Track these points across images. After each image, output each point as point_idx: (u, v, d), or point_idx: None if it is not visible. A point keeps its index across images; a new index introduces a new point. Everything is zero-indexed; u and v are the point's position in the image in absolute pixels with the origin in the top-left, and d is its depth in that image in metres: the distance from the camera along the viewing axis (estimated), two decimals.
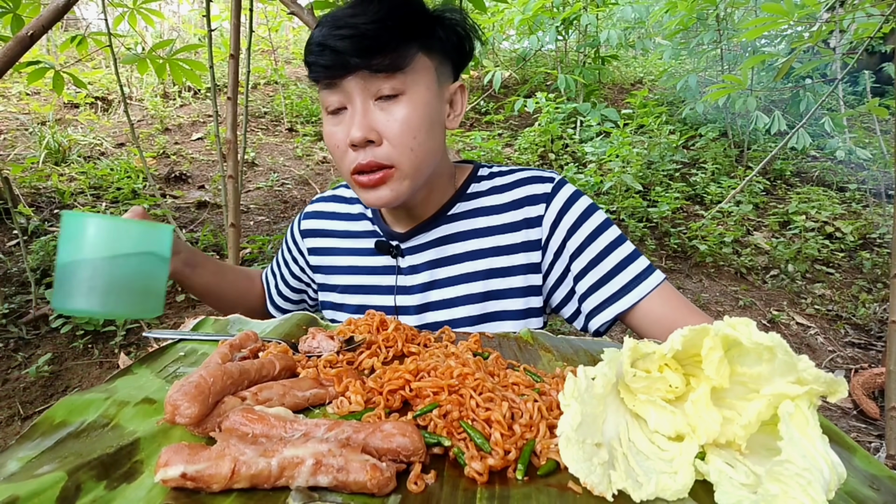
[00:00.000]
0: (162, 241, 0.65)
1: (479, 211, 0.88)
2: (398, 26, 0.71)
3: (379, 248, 0.90)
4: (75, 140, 3.95)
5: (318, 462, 0.38)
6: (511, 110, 4.86)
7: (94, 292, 0.61)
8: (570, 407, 0.42)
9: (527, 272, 0.85)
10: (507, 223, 0.86)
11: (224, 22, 4.82)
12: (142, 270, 0.63)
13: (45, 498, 0.36)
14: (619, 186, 3.62)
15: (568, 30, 5.04)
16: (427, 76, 0.75)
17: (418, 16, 0.74)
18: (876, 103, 2.74)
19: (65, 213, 0.62)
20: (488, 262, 0.86)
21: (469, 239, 0.87)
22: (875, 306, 2.89)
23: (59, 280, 0.62)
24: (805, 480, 0.35)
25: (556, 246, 0.84)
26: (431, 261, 0.87)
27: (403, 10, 0.72)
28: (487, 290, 0.85)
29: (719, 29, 4.62)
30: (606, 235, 0.83)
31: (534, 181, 0.88)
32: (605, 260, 0.82)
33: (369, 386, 0.52)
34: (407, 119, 0.72)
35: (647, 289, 0.79)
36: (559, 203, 0.85)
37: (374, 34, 0.69)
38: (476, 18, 5.21)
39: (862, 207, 3.88)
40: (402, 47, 0.71)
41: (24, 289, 2.44)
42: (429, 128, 0.75)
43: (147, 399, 0.51)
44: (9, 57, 1.54)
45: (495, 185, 0.90)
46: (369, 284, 0.91)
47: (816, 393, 0.40)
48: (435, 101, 0.76)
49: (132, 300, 0.63)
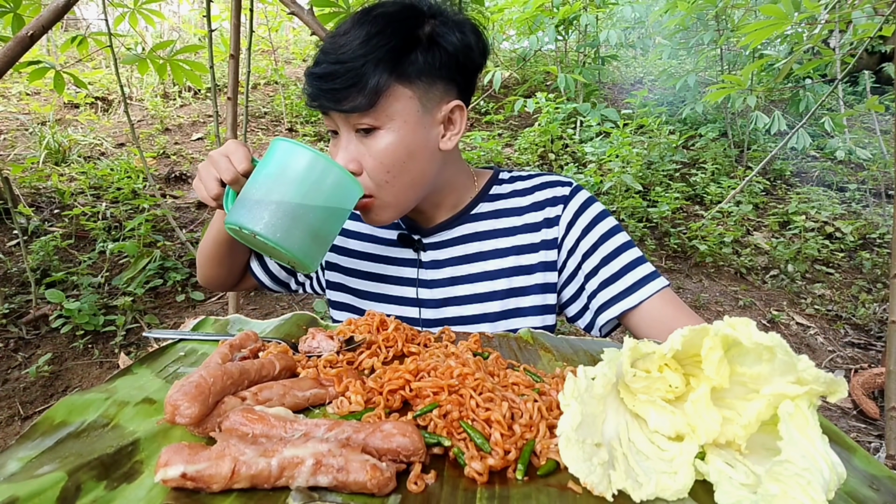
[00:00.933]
0: (354, 198, 0.69)
1: (501, 212, 0.91)
2: (364, 65, 0.69)
3: (402, 240, 0.91)
4: (75, 140, 3.95)
5: (318, 462, 0.38)
6: (511, 110, 4.86)
7: (281, 221, 0.63)
8: (570, 407, 0.42)
9: (545, 269, 0.89)
10: (528, 224, 0.90)
11: (224, 22, 4.81)
12: (328, 218, 0.67)
13: (45, 498, 0.36)
14: (619, 186, 3.62)
15: (568, 30, 5.04)
16: (405, 106, 0.73)
17: (391, 48, 0.71)
18: (875, 101, 2.73)
19: (277, 140, 0.66)
20: (512, 261, 0.89)
21: (492, 238, 0.90)
22: (875, 306, 2.89)
23: (248, 199, 0.64)
24: (805, 480, 0.35)
25: (570, 244, 0.88)
26: (455, 257, 0.90)
27: (374, 42, 0.70)
28: (511, 287, 0.88)
29: (719, 29, 4.62)
30: (617, 238, 0.87)
31: (553, 185, 0.92)
32: (614, 260, 0.86)
33: (369, 386, 0.52)
34: (380, 154, 0.73)
35: (651, 290, 0.83)
36: (576, 205, 0.89)
37: (341, 75, 0.70)
38: (476, 18, 5.24)
39: (862, 207, 3.88)
40: (372, 85, 0.70)
41: (24, 289, 2.44)
42: (406, 160, 0.75)
43: (147, 399, 0.51)
44: (9, 57, 1.54)
45: (516, 188, 0.93)
46: (390, 274, 0.92)
47: (816, 393, 0.40)
48: (417, 130, 0.75)
49: (308, 243, 0.66)
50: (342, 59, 0.70)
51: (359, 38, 0.70)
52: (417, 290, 0.91)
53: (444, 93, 0.77)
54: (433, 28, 0.74)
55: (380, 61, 0.70)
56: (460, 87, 0.80)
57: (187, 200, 3.50)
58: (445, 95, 0.77)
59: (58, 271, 2.53)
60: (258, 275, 1.03)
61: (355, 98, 0.70)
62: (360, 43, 0.70)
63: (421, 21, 0.74)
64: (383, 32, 0.71)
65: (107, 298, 2.47)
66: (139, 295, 2.49)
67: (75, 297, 2.39)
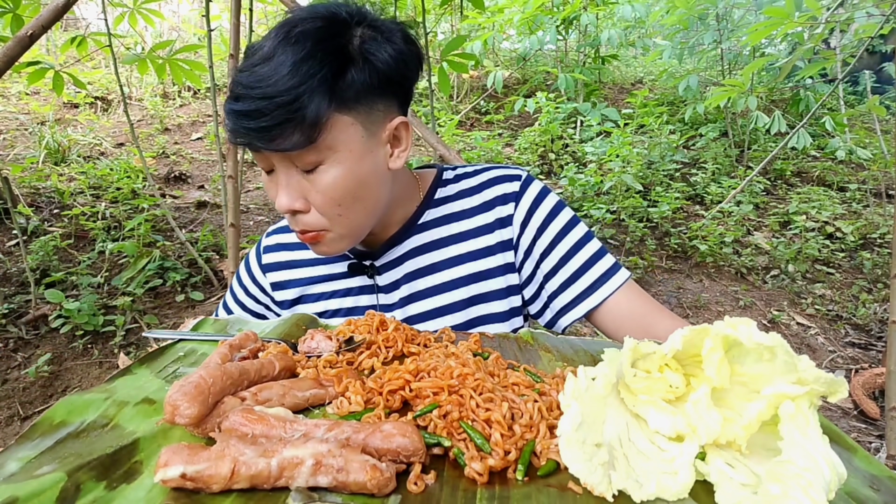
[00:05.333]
0: None
1: (450, 217, 0.86)
2: (297, 98, 0.61)
3: (353, 269, 0.86)
4: (75, 140, 3.95)
5: (317, 462, 0.38)
6: (511, 110, 4.86)
7: None
8: (570, 407, 0.42)
9: (505, 272, 0.85)
10: (480, 226, 0.85)
11: (224, 22, 4.81)
12: None
13: (45, 498, 0.36)
14: (620, 186, 3.62)
15: (568, 29, 5.04)
16: (348, 135, 0.67)
17: (323, 75, 0.63)
18: (876, 101, 2.73)
19: None
20: (468, 268, 0.85)
21: (444, 246, 0.85)
22: (875, 306, 2.88)
23: None
24: (805, 481, 0.35)
25: (526, 244, 0.85)
26: (409, 273, 0.85)
27: (305, 70, 0.62)
28: (470, 295, 0.84)
29: (719, 28, 4.62)
30: (574, 233, 0.84)
31: (501, 181, 0.86)
32: (573, 258, 0.83)
33: (369, 386, 0.52)
34: (329, 190, 0.68)
35: (614, 286, 0.81)
36: (528, 201, 0.85)
37: (270, 111, 0.61)
38: (476, 18, 5.20)
39: (862, 207, 3.87)
40: (311, 118, 0.63)
41: (23, 289, 2.44)
42: (357, 189, 0.70)
43: (147, 399, 0.51)
44: (9, 57, 1.54)
45: (462, 188, 0.87)
46: (349, 307, 0.88)
47: (817, 393, 0.40)
48: (365, 157, 0.70)
49: None
50: (269, 93, 0.62)
51: (286, 66, 0.62)
52: None
53: (386, 111, 0.72)
54: (362, 41, 0.67)
55: (314, 91, 0.62)
56: (400, 100, 0.74)
57: (187, 200, 3.50)
58: (388, 114, 0.72)
59: (57, 271, 2.53)
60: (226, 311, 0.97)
61: (291, 135, 0.63)
62: (289, 73, 0.62)
63: (348, 33, 0.67)
64: (313, 56, 0.63)
65: (106, 298, 2.47)
66: (139, 295, 2.49)
67: (75, 297, 2.39)
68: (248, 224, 3.30)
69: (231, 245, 1.92)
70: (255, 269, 0.94)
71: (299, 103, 0.62)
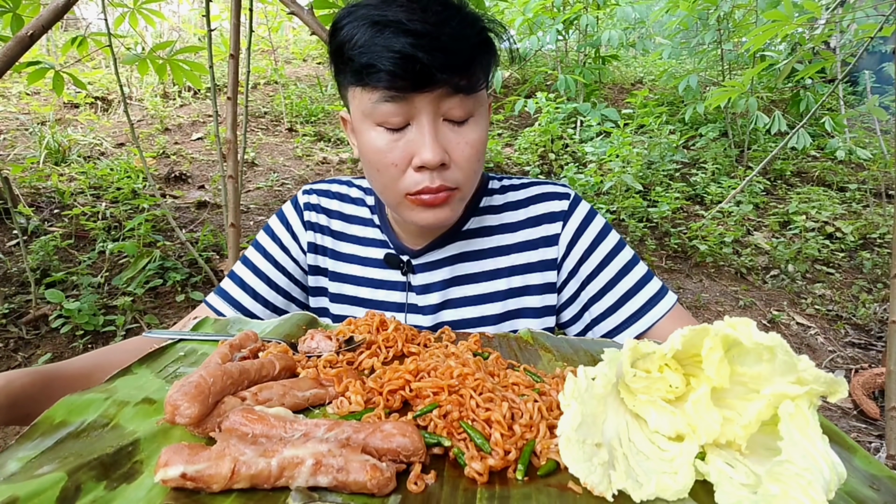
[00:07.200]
0: None
1: (494, 229, 0.85)
2: (478, 45, 0.66)
3: (388, 261, 0.85)
4: (75, 140, 3.95)
5: (317, 462, 0.38)
6: (511, 110, 4.86)
7: None
8: (570, 407, 0.42)
9: (543, 292, 0.84)
10: (524, 241, 0.84)
11: (224, 22, 4.81)
12: None
13: (45, 498, 0.36)
14: (619, 186, 3.62)
15: (568, 30, 5.04)
16: (485, 97, 0.72)
17: (485, 36, 0.68)
18: (875, 102, 2.73)
19: None
20: (506, 283, 0.83)
21: (485, 258, 0.84)
22: (875, 306, 2.88)
23: None
24: (805, 481, 0.35)
25: (571, 266, 0.83)
26: (446, 280, 0.84)
27: (478, 27, 0.66)
28: (506, 310, 0.83)
29: (720, 29, 4.62)
30: (621, 258, 0.82)
31: (550, 198, 0.85)
32: (619, 284, 0.81)
33: (369, 386, 0.52)
34: (475, 143, 0.69)
35: (660, 313, 0.79)
36: (576, 222, 0.83)
37: (459, 51, 0.63)
38: None
39: (862, 207, 3.87)
40: (478, 68, 0.66)
41: (24, 289, 2.44)
42: (484, 149, 0.72)
43: (147, 399, 0.51)
44: (9, 57, 1.54)
45: (509, 200, 0.86)
46: (377, 300, 0.86)
47: (816, 393, 0.40)
48: (487, 122, 0.74)
49: None
50: (462, 35, 0.63)
51: (465, 24, 0.65)
52: (406, 315, 0.85)
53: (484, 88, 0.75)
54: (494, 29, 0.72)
55: (483, 48, 0.67)
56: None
57: (187, 200, 3.50)
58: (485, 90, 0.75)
59: (58, 271, 2.53)
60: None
61: (470, 77, 0.65)
62: (469, 25, 0.65)
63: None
64: (477, 18, 0.67)
65: (106, 298, 2.47)
66: (139, 295, 2.49)
67: (75, 297, 2.39)
68: (248, 224, 3.29)
69: (231, 245, 1.92)
70: (295, 222, 0.88)
71: (479, 51, 0.66)
